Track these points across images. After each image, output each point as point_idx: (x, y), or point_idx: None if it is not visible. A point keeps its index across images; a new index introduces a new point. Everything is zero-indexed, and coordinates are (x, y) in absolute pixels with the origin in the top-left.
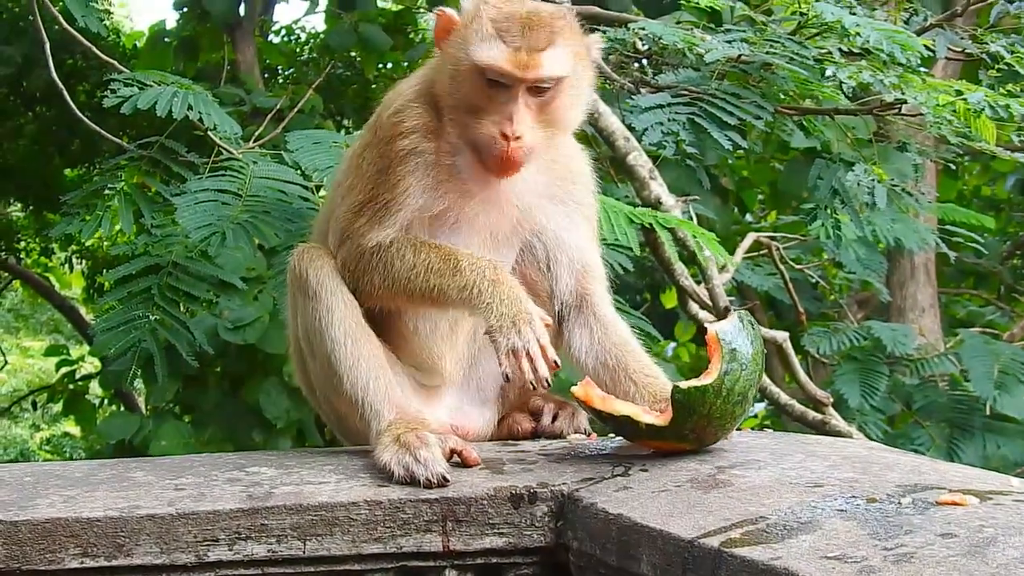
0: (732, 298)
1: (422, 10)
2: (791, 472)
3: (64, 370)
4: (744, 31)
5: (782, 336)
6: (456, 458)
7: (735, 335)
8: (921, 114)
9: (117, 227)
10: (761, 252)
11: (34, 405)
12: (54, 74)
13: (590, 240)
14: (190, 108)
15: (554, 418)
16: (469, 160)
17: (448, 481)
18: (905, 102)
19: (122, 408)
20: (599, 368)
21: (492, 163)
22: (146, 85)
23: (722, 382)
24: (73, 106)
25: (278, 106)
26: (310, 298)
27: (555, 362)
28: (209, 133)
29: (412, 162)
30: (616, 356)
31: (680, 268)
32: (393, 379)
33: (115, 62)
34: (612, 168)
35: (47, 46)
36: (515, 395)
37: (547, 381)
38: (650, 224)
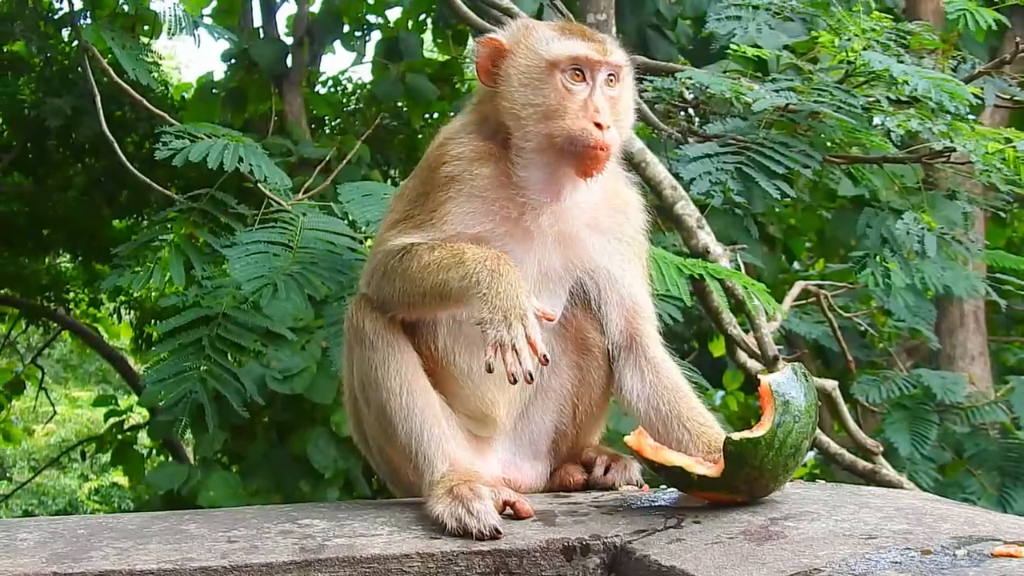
0: (780, 347)
1: (468, 60)
2: (844, 524)
3: (112, 420)
4: (791, 80)
5: (831, 384)
6: (509, 510)
7: (788, 387)
8: (970, 162)
9: (167, 278)
10: (809, 300)
11: (83, 455)
12: (104, 126)
13: (640, 279)
14: (240, 160)
15: (606, 470)
16: (541, 175)
17: (500, 534)
18: (954, 150)
19: (170, 458)
20: (651, 413)
21: (586, 157)
22: (197, 137)
23: (775, 434)
24: (123, 157)
25: (328, 157)
26: (367, 348)
27: (544, 356)
28: (259, 185)
29: (454, 188)
30: (668, 401)
31: (728, 317)
32: (447, 431)
33: (165, 114)
34: (660, 217)
35: (98, 98)
36: (567, 448)
37: (530, 375)
38: (700, 275)
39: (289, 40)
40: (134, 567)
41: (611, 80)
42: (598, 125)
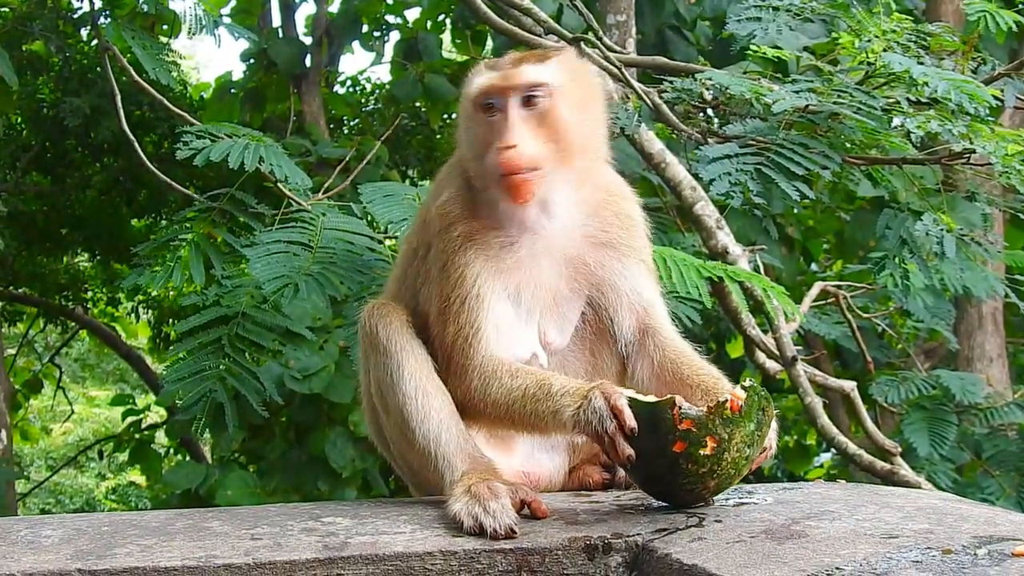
0: (799, 347)
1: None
2: (866, 523)
3: (130, 419)
4: (811, 81)
5: (850, 385)
6: (526, 509)
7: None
8: (990, 163)
9: (186, 277)
10: (828, 301)
11: (100, 454)
12: (124, 125)
13: (647, 280)
14: (261, 160)
15: None
16: (503, 208)
17: (515, 533)
18: (974, 151)
19: (188, 458)
20: (661, 388)
21: (506, 185)
22: (217, 137)
23: (753, 432)
24: (144, 157)
25: (347, 158)
26: (381, 354)
27: (632, 429)
28: (279, 185)
29: (468, 248)
30: (672, 370)
31: (747, 317)
32: (464, 430)
33: (186, 114)
34: (679, 217)
35: (118, 97)
36: (585, 442)
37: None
38: (719, 277)
39: (308, 40)
40: (158, 564)
41: (530, 101)
42: (508, 148)
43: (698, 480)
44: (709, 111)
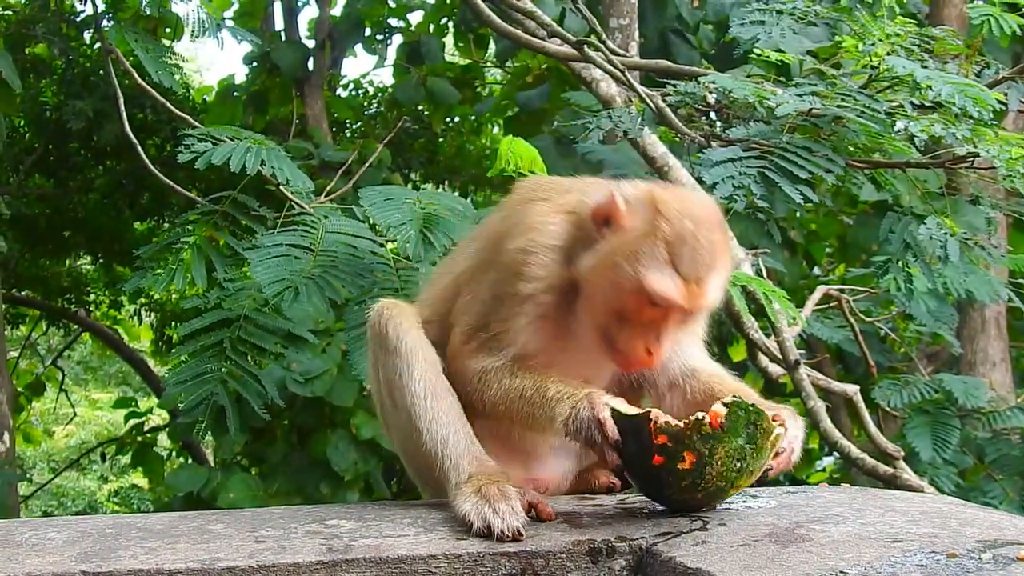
0: (802, 351)
1: (489, 64)
2: (870, 527)
3: (132, 422)
4: (814, 84)
5: (852, 389)
6: (532, 512)
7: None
8: (993, 167)
9: (188, 280)
10: (831, 305)
11: (102, 457)
12: (127, 128)
13: (695, 346)
14: (263, 163)
15: None
16: (589, 338)
17: (522, 536)
18: (977, 155)
19: (190, 460)
20: (691, 406)
21: (622, 364)
22: (219, 140)
23: (742, 446)
24: (146, 160)
25: (349, 161)
26: (390, 353)
27: (617, 442)
28: (281, 188)
29: (529, 306)
30: (704, 393)
31: (750, 321)
32: (471, 433)
33: (188, 117)
34: None
35: (121, 100)
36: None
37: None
38: None
39: (311, 43)
40: (162, 566)
41: (690, 316)
42: (649, 352)
43: (682, 492)
44: (712, 115)
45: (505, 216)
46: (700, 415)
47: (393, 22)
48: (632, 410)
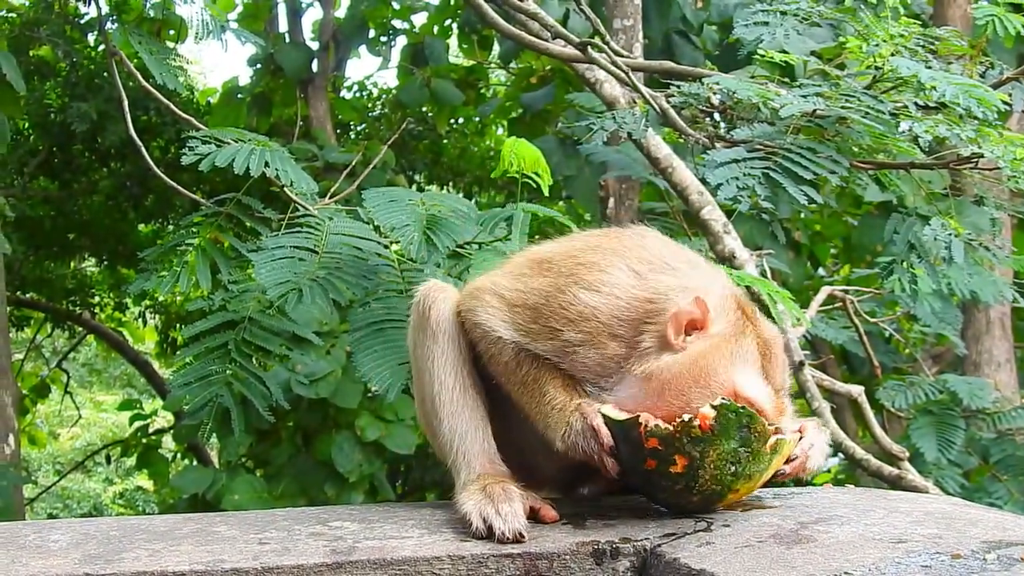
0: (806, 352)
1: (493, 65)
2: (874, 528)
3: (137, 424)
4: (819, 85)
5: (857, 390)
6: (536, 517)
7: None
8: (998, 168)
9: (193, 282)
10: (835, 305)
11: (108, 459)
12: (131, 130)
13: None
14: (267, 165)
15: None
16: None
17: (523, 538)
18: (982, 156)
19: (195, 462)
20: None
21: None
22: (223, 142)
23: (736, 449)
24: (151, 162)
25: (353, 162)
26: (428, 336)
27: (612, 448)
28: (285, 189)
29: (593, 348)
30: None
31: None
32: (490, 433)
33: (192, 119)
34: (686, 222)
35: (125, 102)
36: None
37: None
38: None
39: (315, 45)
40: (166, 568)
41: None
42: None
43: (678, 495)
44: (716, 115)
45: (601, 235)
46: (687, 417)
47: (397, 24)
48: (622, 415)
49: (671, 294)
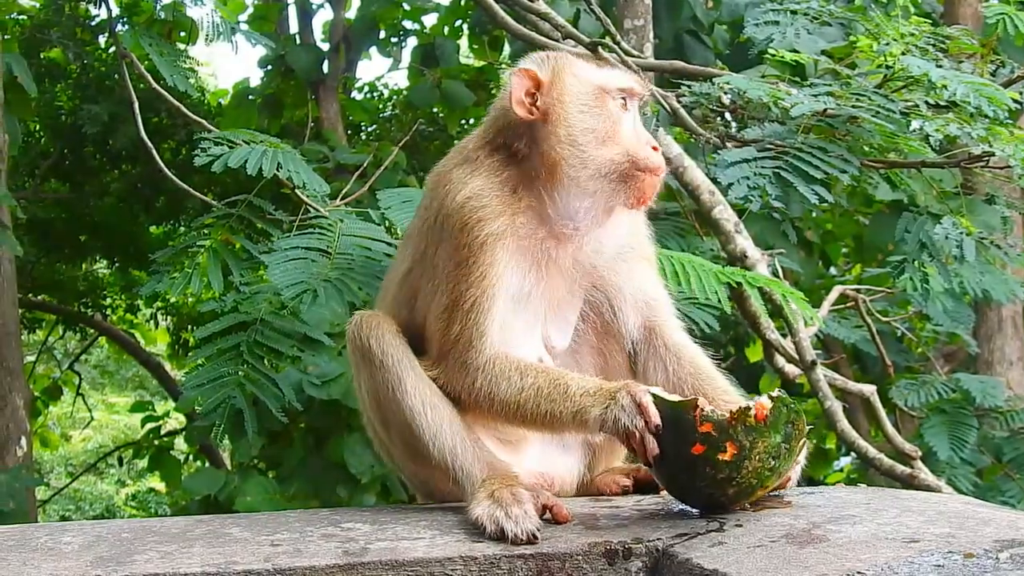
0: (818, 351)
1: (504, 66)
2: (887, 527)
3: (149, 426)
4: (829, 84)
5: (869, 389)
6: (548, 514)
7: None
8: (1009, 166)
9: (205, 284)
10: (847, 305)
11: (120, 461)
12: (142, 132)
13: (650, 276)
14: (279, 167)
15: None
16: (587, 204)
17: (537, 539)
18: (993, 154)
19: (207, 464)
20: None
21: (645, 182)
22: (235, 144)
23: (779, 444)
24: (162, 164)
25: (364, 164)
26: (377, 368)
27: (657, 426)
28: (296, 191)
29: (497, 246)
30: (692, 386)
31: (766, 322)
32: (476, 438)
33: (203, 121)
34: (697, 222)
35: (136, 104)
36: (603, 438)
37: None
38: (738, 283)
39: (325, 46)
40: (178, 570)
41: (641, 111)
42: (654, 149)
43: (715, 485)
44: (727, 115)
45: (430, 198)
46: (747, 405)
47: (408, 24)
48: (675, 397)
49: (482, 130)
